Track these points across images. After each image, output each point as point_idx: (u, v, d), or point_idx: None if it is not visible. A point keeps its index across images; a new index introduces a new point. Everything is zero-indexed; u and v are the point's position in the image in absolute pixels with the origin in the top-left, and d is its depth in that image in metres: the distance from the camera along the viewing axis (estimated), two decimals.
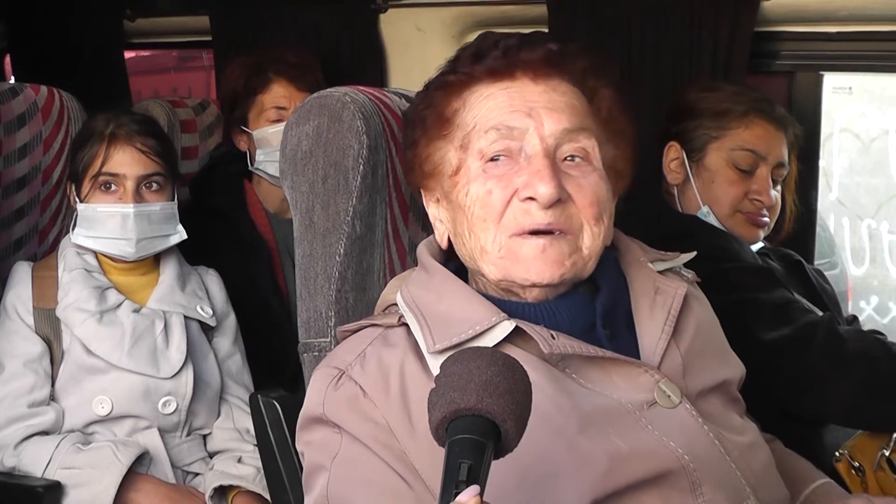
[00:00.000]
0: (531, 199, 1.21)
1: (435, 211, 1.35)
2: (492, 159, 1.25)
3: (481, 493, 0.84)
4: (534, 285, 1.24)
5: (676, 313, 1.29)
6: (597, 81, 1.32)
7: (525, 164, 1.23)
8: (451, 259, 1.34)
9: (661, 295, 1.30)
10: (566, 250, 1.23)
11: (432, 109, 1.31)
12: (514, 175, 1.23)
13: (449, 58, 1.35)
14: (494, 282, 1.26)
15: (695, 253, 1.41)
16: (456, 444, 0.89)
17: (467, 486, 0.84)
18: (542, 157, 1.22)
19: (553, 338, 1.18)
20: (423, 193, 1.37)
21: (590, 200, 1.24)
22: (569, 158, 1.25)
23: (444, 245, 1.34)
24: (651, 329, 1.27)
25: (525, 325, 1.20)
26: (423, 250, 1.35)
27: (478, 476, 0.86)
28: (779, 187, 2.08)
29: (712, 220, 2.04)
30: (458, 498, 0.83)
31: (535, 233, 1.22)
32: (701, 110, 2.07)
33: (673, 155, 2.10)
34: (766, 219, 2.06)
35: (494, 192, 1.23)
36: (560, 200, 1.21)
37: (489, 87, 1.27)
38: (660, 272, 1.34)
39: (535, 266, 1.22)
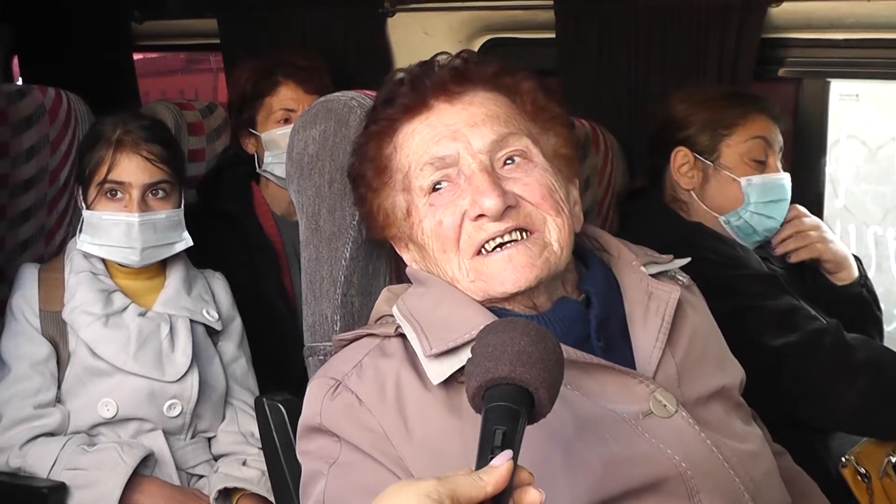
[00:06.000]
0: (481, 216, 1.23)
1: (408, 256, 1.37)
2: (434, 189, 1.27)
3: (515, 457, 0.87)
4: (512, 295, 1.25)
5: (671, 320, 1.29)
6: (512, 79, 1.34)
7: (466, 186, 1.25)
8: None
9: (655, 301, 1.31)
10: (535, 251, 1.24)
11: (368, 163, 1.34)
12: (459, 199, 1.25)
13: (367, 110, 1.37)
14: (480, 301, 1.27)
15: (689, 259, 1.41)
16: (491, 411, 0.92)
17: (501, 451, 0.87)
18: (479, 172, 1.24)
19: None
20: (394, 245, 1.39)
21: (541, 194, 1.25)
22: (508, 161, 1.27)
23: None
24: (645, 338, 1.28)
25: None
26: (414, 269, 1.36)
27: (512, 441, 0.89)
28: None
29: (736, 221, 2.05)
30: (493, 462, 0.86)
31: (498, 246, 1.23)
32: (701, 113, 2.08)
33: (681, 160, 2.10)
34: None
35: (444, 220, 1.26)
36: (510, 207, 1.23)
37: (411, 124, 1.30)
38: (653, 275, 1.34)
39: (507, 277, 1.23)
